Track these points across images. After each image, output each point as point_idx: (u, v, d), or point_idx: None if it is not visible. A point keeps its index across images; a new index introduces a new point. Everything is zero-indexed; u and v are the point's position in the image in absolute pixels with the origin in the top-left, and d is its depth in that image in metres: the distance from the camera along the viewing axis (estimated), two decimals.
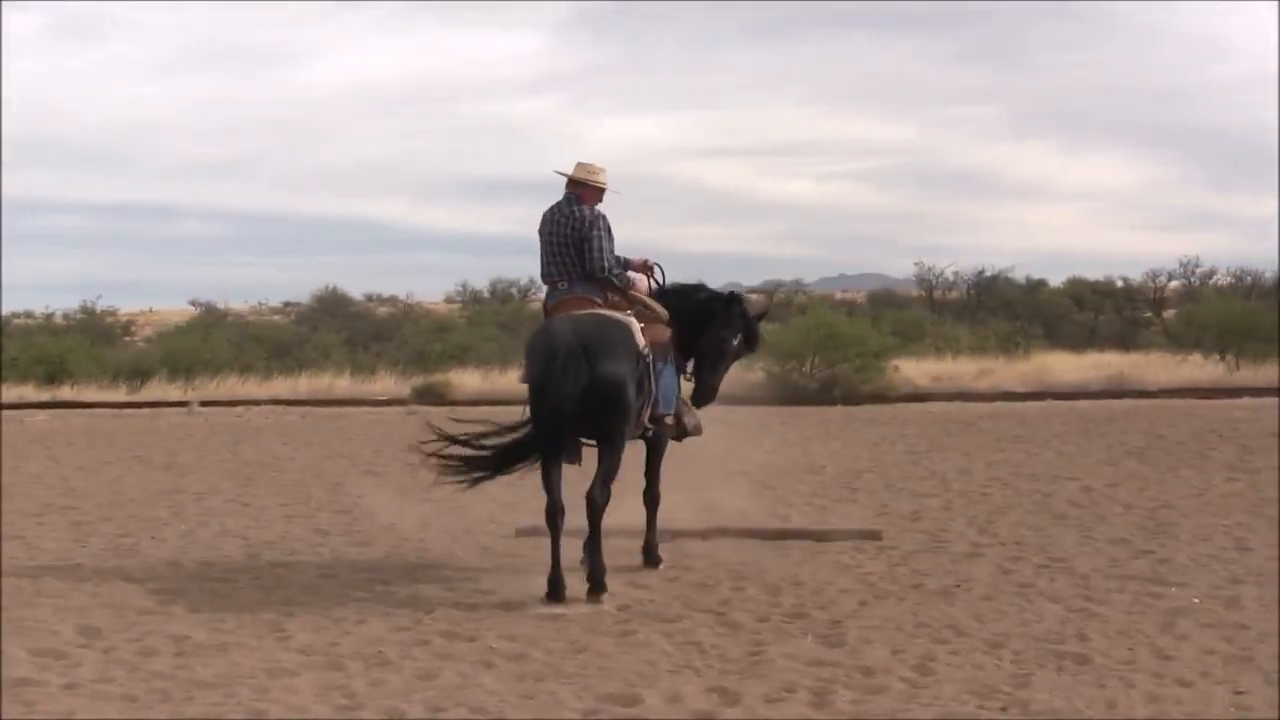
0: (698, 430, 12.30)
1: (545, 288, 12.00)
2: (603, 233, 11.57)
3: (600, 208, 11.67)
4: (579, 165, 11.77)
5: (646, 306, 11.73)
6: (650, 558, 12.15)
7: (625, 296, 11.70)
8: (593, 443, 11.23)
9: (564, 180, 11.74)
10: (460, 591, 11.18)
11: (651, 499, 12.26)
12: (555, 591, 10.78)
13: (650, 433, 11.88)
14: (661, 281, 12.27)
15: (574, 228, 11.53)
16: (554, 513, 10.96)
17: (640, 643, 9.43)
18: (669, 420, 11.85)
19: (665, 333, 11.75)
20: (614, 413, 10.94)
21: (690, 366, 12.36)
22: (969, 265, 55.57)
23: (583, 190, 11.70)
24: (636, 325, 11.28)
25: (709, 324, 12.24)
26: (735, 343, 12.44)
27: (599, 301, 11.51)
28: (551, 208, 11.72)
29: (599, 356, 10.81)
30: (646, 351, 11.32)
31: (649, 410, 11.48)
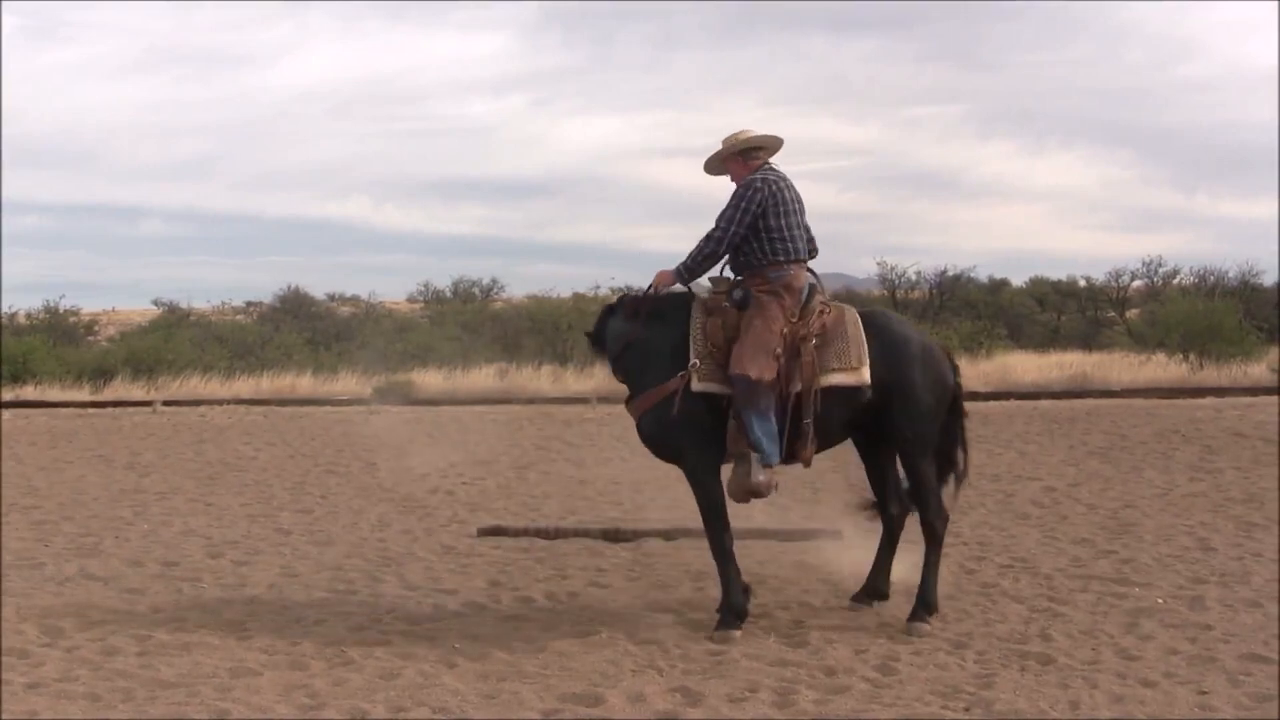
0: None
1: (790, 269, 10.06)
2: None
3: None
4: (742, 135, 10.26)
5: None
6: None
7: None
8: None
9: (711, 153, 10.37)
10: (422, 591, 11.16)
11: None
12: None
13: None
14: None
15: (802, 204, 10.21)
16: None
17: (603, 642, 9.42)
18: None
19: None
20: None
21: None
22: (931, 265, 55.54)
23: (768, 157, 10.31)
24: None
25: None
26: None
27: None
28: (781, 175, 10.14)
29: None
30: None
31: None
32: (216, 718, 7.88)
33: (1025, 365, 35.75)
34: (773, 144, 10.33)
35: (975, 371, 33.77)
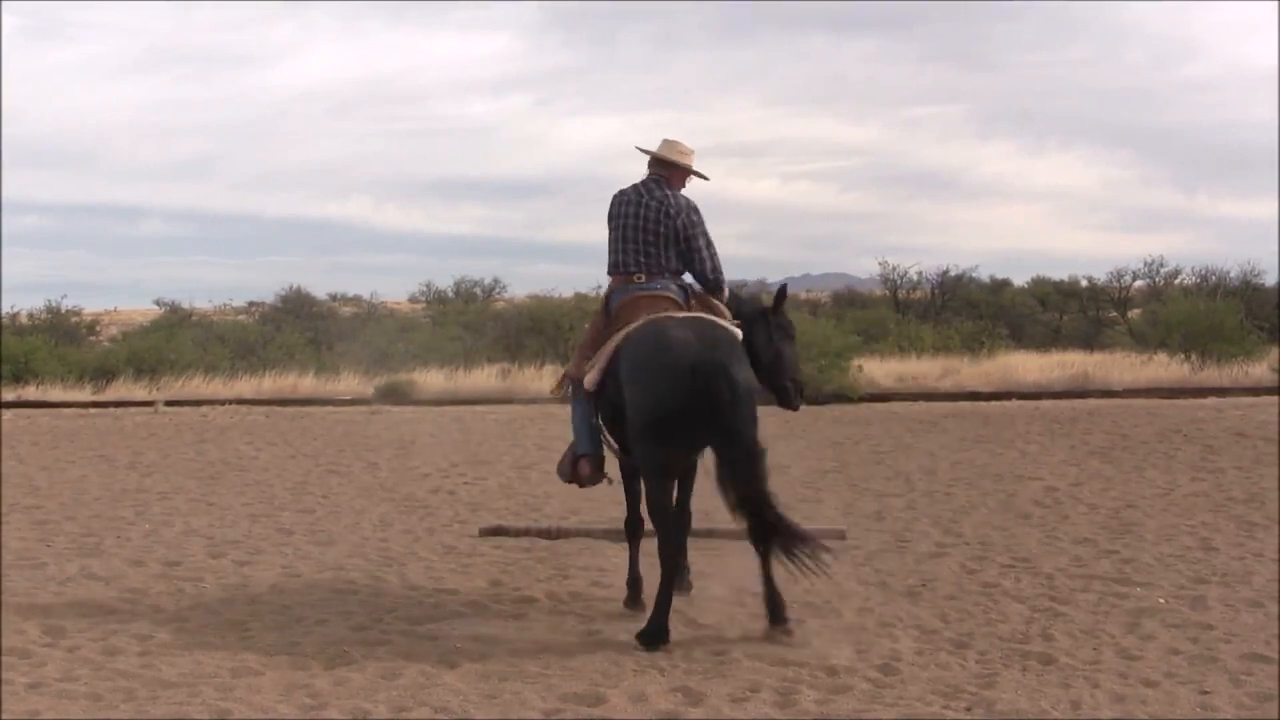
0: None
1: (610, 281, 10.39)
2: (705, 226, 10.28)
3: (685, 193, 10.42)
4: (666, 143, 10.39)
5: (722, 316, 10.21)
6: (681, 582, 10.57)
7: (706, 304, 10.29)
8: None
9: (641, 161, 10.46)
10: (423, 591, 11.16)
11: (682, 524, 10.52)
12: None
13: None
14: None
15: (666, 214, 10.11)
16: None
17: (604, 642, 9.43)
18: None
19: None
20: (755, 431, 9.66)
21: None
22: (933, 265, 55.42)
23: (672, 172, 10.34)
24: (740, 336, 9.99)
25: (760, 328, 10.58)
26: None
27: (680, 304, 10.13)
28: (630, 189, 10.30)
29: (740, 366, 9.53)
30: None
31: None
32: (218, 718, 7.87)
33: (1027, 365, 35.63)
34: (678, 161, 10.40)
35: (977, 371, 33.76)
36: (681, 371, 9.31)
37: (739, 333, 9.95)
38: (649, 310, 9.93)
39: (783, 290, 10.93)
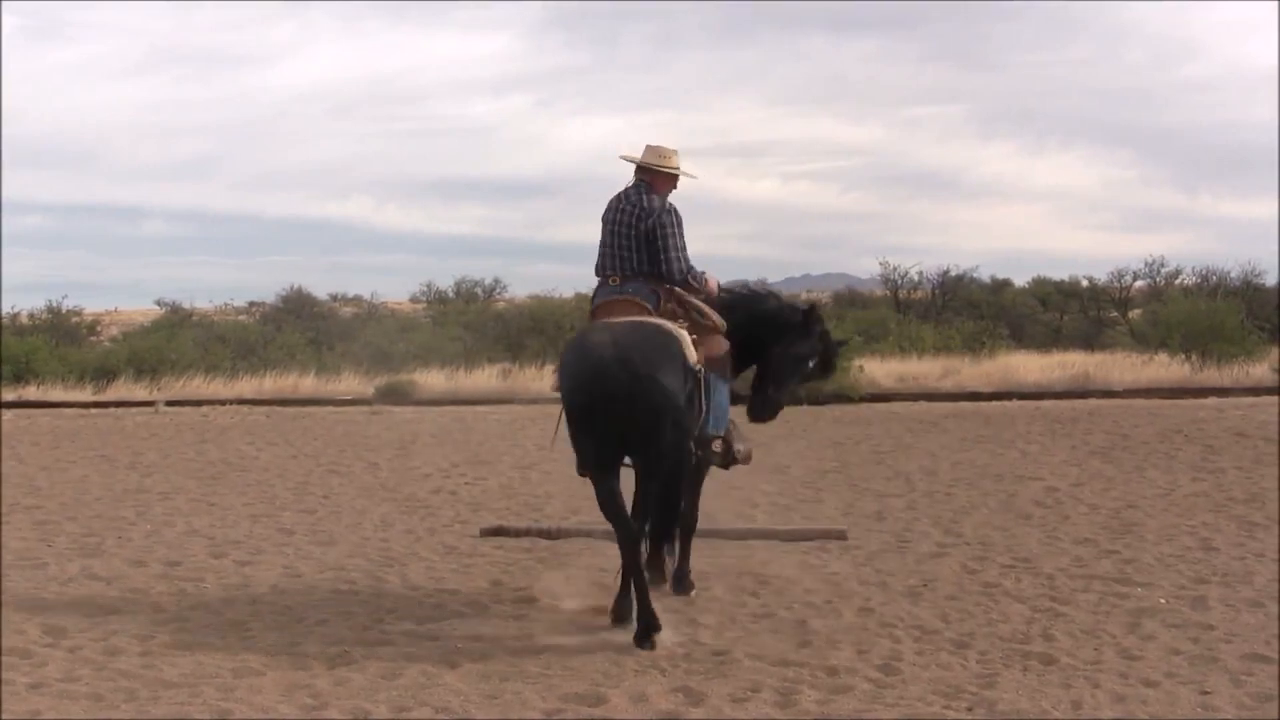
0: (747, 458, 11.11)
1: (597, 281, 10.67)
2: (677, 228, 10.39)
3: (671, 197, 10.60)
4: (649, 149, 10.56)
5: (704, 315, 10.40)
6: (681, 584, 10.98)
7: (683, 304, 10.40)
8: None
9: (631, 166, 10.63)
10: (424, 591, 11.16)
11: (686, 524, 10.89)
12: (622, 618, 9.82)
13: (695, 455, 10.53)
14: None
15: (640, 219, 10.36)
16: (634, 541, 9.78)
17: (605, 642, 9.43)
18: (716, 445, 10.68)
19: (723, 345, 10.52)
20: (670, 427, 9.65)
21: (744, 377, 11.31)
22: (933, 265, 55.27)
23: (654, 177, 10.53)
24: (686, 337, 9.98)
25: (781, 336, 11.06)
26: (811, 364, 11.36)
27: (649, 307, 10.21)
28: (618, 195, 10.55)
29: (649, 365, 9.52)
30: (698, 367, 9.95)
31: (695, 430, 10.25)
32: (219, 718, 7.88)
33: (1027, 365, 35.58)
34: (657, 167, 10.57)
35: (978, 371, 33.72)
36: (587, 373, 9.64)
37: (682, 337, 9.98)
38: (620, 314, 10.15)
39: (812, 308, 11.35)
